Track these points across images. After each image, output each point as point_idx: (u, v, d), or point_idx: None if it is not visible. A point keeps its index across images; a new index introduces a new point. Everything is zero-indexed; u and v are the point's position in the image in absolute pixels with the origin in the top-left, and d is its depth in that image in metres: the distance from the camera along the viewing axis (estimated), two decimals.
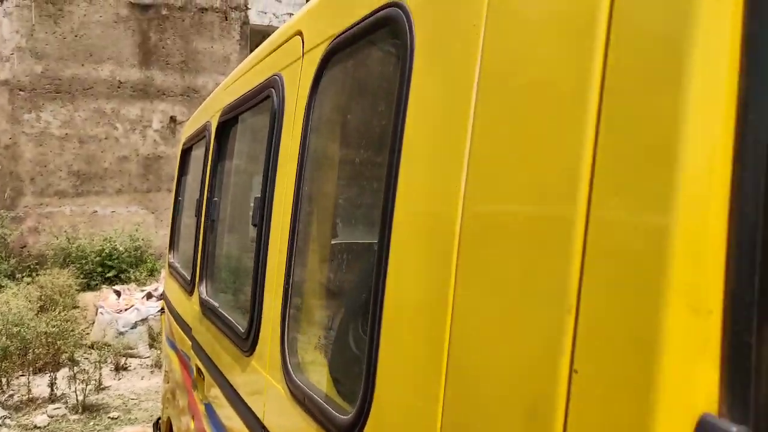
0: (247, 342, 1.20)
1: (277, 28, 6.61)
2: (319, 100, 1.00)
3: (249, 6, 10.51)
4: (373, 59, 0.88)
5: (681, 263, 0.38)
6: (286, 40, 1.24)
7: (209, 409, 1.58)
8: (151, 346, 6.32)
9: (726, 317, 0.37)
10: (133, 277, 8.50)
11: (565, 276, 0.45)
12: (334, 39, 0.96)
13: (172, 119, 10.29)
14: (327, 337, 1.04)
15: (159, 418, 2.85)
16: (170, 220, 2.73)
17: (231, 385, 1.33)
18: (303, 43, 1.13)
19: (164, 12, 10.25)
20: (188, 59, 10.41)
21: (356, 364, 0.77)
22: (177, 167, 2.69)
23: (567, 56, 0.48)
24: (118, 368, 5.74)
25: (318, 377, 0.97)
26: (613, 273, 0.42)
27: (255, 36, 11.06)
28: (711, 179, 0.38)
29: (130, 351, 6.16)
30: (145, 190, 10.24)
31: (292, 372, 0.97)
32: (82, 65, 9.91)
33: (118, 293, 7.30)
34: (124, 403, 4.91)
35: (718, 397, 0.37)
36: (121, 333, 6.42)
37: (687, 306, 0.37)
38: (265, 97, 1.30)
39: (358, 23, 0.88)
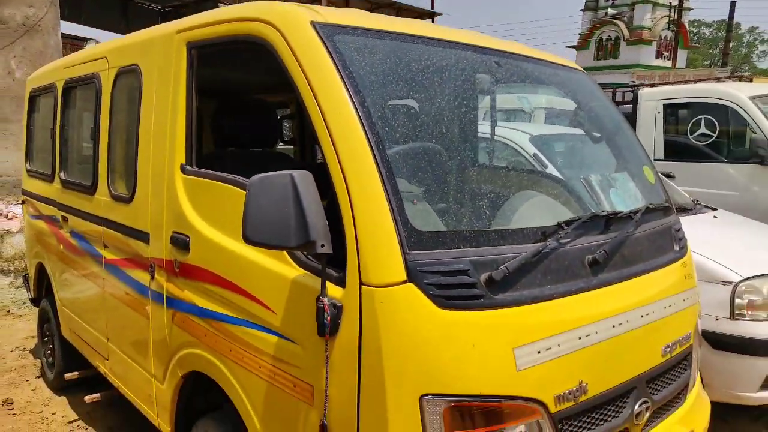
0: (92, 188, 2.87)
1: None
2: (115, 95, 2.67)
3: None
4: (131, 86, 2.55)
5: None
6: (99, 58, 2.85)
7: (72, 232, 3.21)
8: None
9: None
10: None
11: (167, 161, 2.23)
12: (120, 69, 2.62)
13: None
14: (124, 172, 2.74)
15: (26, 274, 4.32)
16: (24, 143, 4.13)
17: (84, 212, 2.99)
18: (108, 62, 2.76)
19: None
20: None
21: (131, 178, 2.50)
22: (26, 106, 4.06)
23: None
24: None
25: (121, 188, 2.68)
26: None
27: None
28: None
29: None
30: None
31: (111, 191, 2.69)
32: None
33: None
34: None
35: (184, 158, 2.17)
36: None
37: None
38: (91, 81, 2.89)
39: (126, 66, 2.56)
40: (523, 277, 1.59)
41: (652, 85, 7.02)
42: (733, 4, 25.65)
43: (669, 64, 28.95)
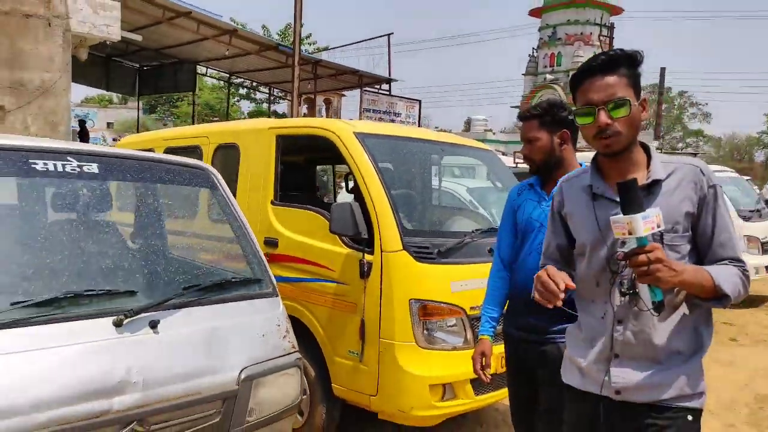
0: (194, 216, 4.59)
1: (97, 36, 10.04)
2: (215, 160, 4.44)
3: (70, 16, 12.29)
4: (228, 155, 4.32)
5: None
6: (201, 136, 4.63)
7: None
8: None
9: None
10: None
11: (265, 187, 4.00)
12: (219, 144, 4.41)
13: (1, 108, 11.73)
14: None
15: None
16: None
17: (190, 231, 4.68)
18: (209, 140, 4.54)
19: None
20: (15, 57, 11.84)
21: None
22: None
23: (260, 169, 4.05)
24: None
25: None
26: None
27: (76, 40, 12.85)
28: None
29: None
30: None
31: (210, 218, 4.42)
32: None
33: None
34: None
35: (273, 197, 3.94)
36: None
37: None
38: (194, 150, 4.65)
39: (225, 143, 4.35)
40: (455, 252, 3.41)
41: None
42: (663, 70, 28.64)
43: None
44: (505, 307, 2.67)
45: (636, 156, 1.73)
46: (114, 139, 32.31)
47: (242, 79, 26.45)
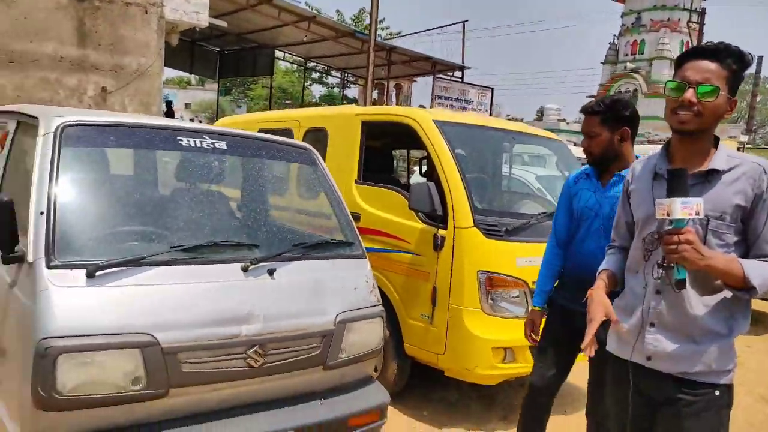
0: (285, 194, 5.13)
1: (187, 22, 10.84)
2: (307, 140, 4.94)
3: (164, 4, 13.27)
4: (317, 138, 4.80)
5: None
6: (293, 120, 5.14)
7: None
8: None
9: None
10: None
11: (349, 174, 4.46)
12: (309, 128, 4.90)
13: (104, 89, 12.88)
14: None
15: None
16: None
17: (282, 206, 5.23)
18: (300, 123, 5.05)
19: (97, 3, 12.69)
20: (116, 42, 12.94)
21: None
22: None
23: (345, 148, 4.51)
24: None
25: (307, 193, 4.91)
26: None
27: (168, 26, 13.90)
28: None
29: None
30: None
31: (299, 196, 4.94)
32: (31, 42, 12.14)
33: None
34: None
35: (357, 176, 4.39)
36: None
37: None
38: (286, 132, 5.18)
39: (315, 127, 4.84)
40: (521, 231, 3.75)
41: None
42: (760, 58, 26.33)
43: None
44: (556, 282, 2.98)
45: (706, 146, 1.85)
46: (191, 119, 33.87)
47: (315, 64, 27.19)
